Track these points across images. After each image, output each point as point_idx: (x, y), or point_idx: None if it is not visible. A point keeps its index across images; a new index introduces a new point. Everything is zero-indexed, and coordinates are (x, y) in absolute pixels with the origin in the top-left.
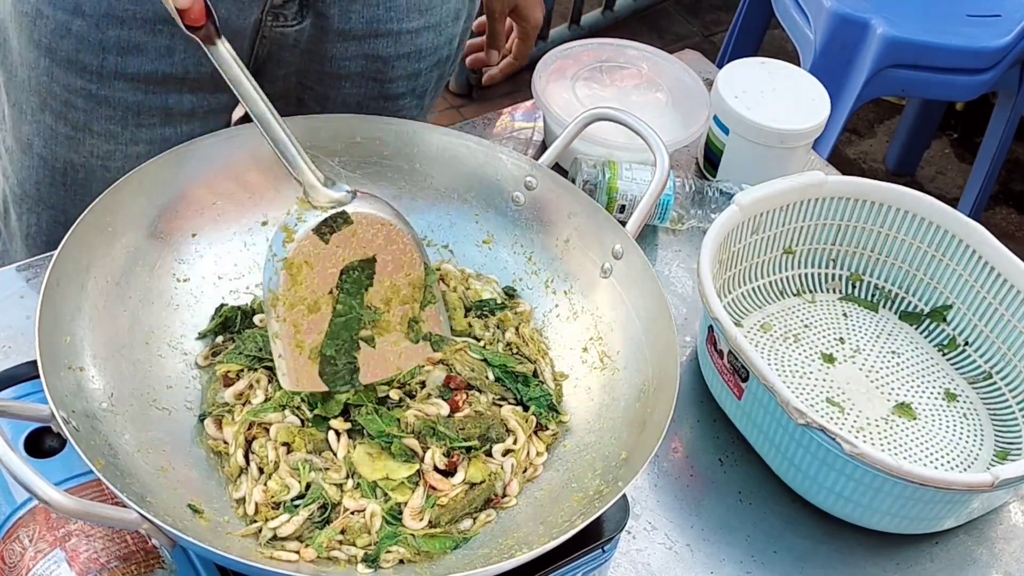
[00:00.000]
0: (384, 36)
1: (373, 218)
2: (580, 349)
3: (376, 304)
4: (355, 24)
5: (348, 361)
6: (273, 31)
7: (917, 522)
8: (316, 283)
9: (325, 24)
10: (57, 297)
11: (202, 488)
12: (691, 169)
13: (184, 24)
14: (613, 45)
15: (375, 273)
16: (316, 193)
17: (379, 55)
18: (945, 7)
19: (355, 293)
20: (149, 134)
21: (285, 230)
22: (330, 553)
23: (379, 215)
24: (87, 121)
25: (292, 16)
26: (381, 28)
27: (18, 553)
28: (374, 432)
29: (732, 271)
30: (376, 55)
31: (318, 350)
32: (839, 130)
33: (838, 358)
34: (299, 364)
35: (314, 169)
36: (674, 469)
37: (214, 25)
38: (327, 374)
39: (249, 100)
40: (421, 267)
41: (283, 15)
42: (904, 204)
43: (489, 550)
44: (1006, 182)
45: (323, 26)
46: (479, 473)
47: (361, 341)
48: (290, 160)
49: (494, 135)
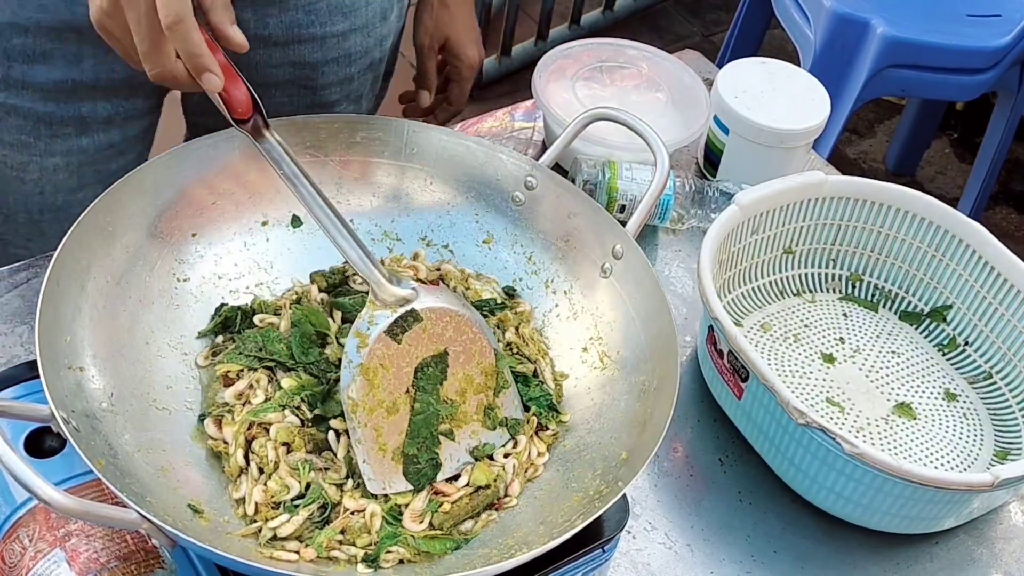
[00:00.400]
0: (308, 41)
1: (442, 311)
2: (580, 349)
3: (452, 397)
4: (274, 29)
5: (430, 457)
6: None
7: (917, 522)
8: (393, 384)
9: (244, 30)
10: (57, 297)
11: (202, 488)
12: (691, 169)
13: (231, 116)
14: (613, 45)
15: (448, 366)
16: (383, 290)
17: (306, 61)
18: (945, 7)
19: (431, 389)
20: (65, 144)
21: (358, 335)
22: (330, 553)
23: (447, 307)
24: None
25: (203, 21)
26: (304, 33)
27: (18, 553)
28: None
29: (732, 271)
30: (303, 61)
31: (400, 451)
32: (839, 130)
33: (838, 358)
34: (384, 467)
35: (379, 265)
36: (674, 469)
37: (261, 116)
38: (411, 473)
39: (307, 198)
40: (491, 354)
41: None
42: (904, 204)
43: (489, 550)
44: (1006, 182)
45: (243, 33)
46: (484, 476)
47: (441, 436)
48: (354, 261)
49: (494, 135)
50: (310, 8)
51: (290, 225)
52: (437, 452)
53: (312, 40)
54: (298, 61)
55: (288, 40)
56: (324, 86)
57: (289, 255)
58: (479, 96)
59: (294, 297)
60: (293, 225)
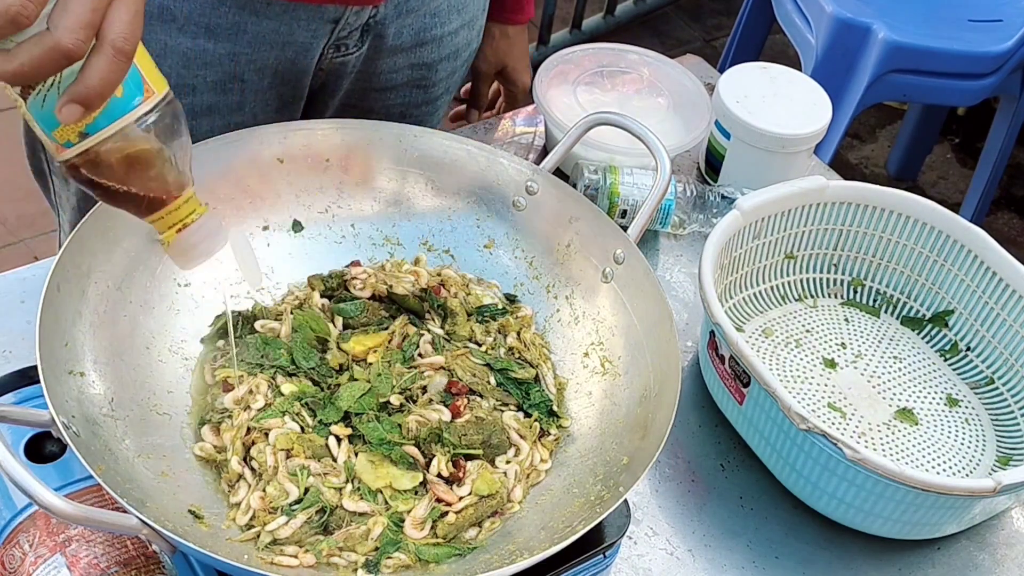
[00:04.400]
0: (429, 43)
1: None
2: (581, 354)
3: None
4: (406, 38)
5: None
6: (333, 62)
7: (919, 528)
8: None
9: (381, 44)
10: (58, 302)
11: (202, 493)
12: (692, 174)
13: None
14: (614, 50)
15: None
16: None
17: (424, 62)
18: (947, 12)
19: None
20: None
21: None
22: (329, 559)
23: None
24: None
25: (354, 44)
26: (427, 36)
27: (18, 558)
28: (375, 440)
29: (733, 276)
30: (422, 63)
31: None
32: (841, 135)
33: (840, 363)
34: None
35: None
36: (675, 474)
37: None
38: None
39: None
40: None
41: (345, 44)
42: (905, 209)
43: (490, 556)
44: (1008, 187)
45: (378, 46)
46: (487, 486)
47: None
48: None
49: (495, 140)
50: (435, 10)
51: (291, 230)
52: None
53: (433, 41)
54: (417, 63)
55: (414, 44)
56: (435, 83)
57: (290, 260)
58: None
59: (295, 302)
60: (294, 230)
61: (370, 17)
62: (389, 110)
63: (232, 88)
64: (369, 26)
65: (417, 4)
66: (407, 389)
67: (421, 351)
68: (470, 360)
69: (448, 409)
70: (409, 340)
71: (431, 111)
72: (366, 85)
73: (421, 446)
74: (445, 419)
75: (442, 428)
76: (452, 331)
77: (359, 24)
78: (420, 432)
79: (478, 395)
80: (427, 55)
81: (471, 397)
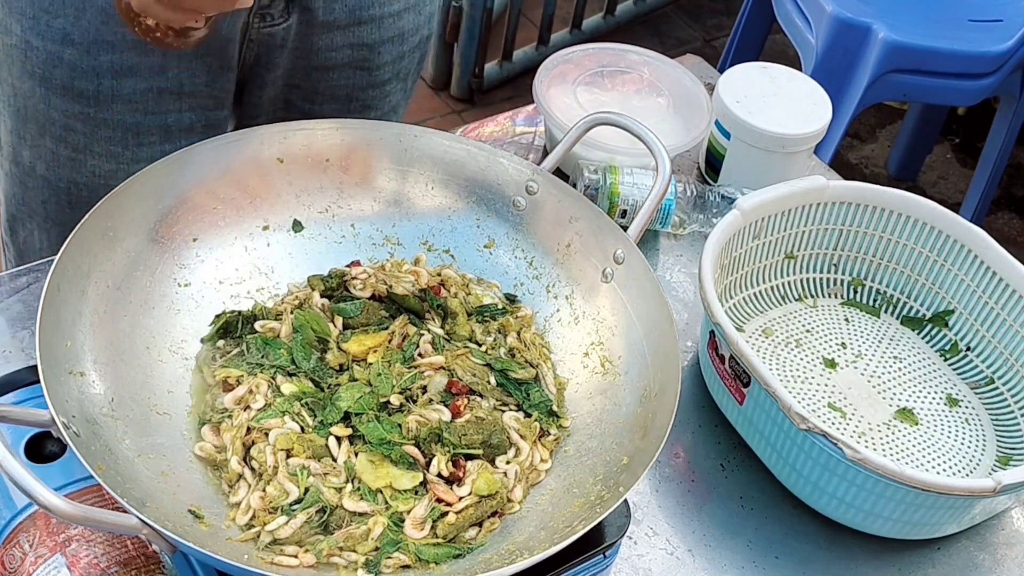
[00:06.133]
0: (368, 23)
1: None
2: (581, 354)
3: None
4: (339, 14)
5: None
6: (260, 33)
7: (919, 528)
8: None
9: (311, 18)
10: (58, 302)
11: (203, 493)
12: (693, 174)
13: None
14: (614, 50)
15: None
16: None
17: (364, 42)
18: (947, 12)
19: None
20: (150, 152)
21: None
22: (329, 559)
23: None
24: (87, 143)
25: (279, 14)
26: (364, 15)
27: (18, 558)
28: (375, 440)
29: (733, 276)
30: (362, 43)
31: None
32: (841, 135)
33: (840, 363)
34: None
35: None
36: (675, 474)
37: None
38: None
39: None
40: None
41: (269, 15)
42: (906, 209)
43: (490, 555)
44: (1008, 187)
45: (309, 20)
46: (487, 486)
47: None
48: None
49: (495, 140)
50: None
51: (291, 230)
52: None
53: (372, 21)
54: (357, 43)
55: (350, 23)
56: (379, 66)
57: (290, 260)
58: (481, 101)
59: (295, 302)
60: (294, 230)
61: None
62: (335, 92)
63: (153, 49)
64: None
65: None
66: (407, 389)
67: (421, 351)
68: (470, 360)
69: (448, 409)
70: (409, 340)
71: (379, 96)
72: (306, 63)
73: (421, 446)
74: (445, 419)
75: (442, 428)
76: (452, 331)
77: None
78: (420, 432)
79: (478, 395)
80: (367, 35)
81: (471, 397)
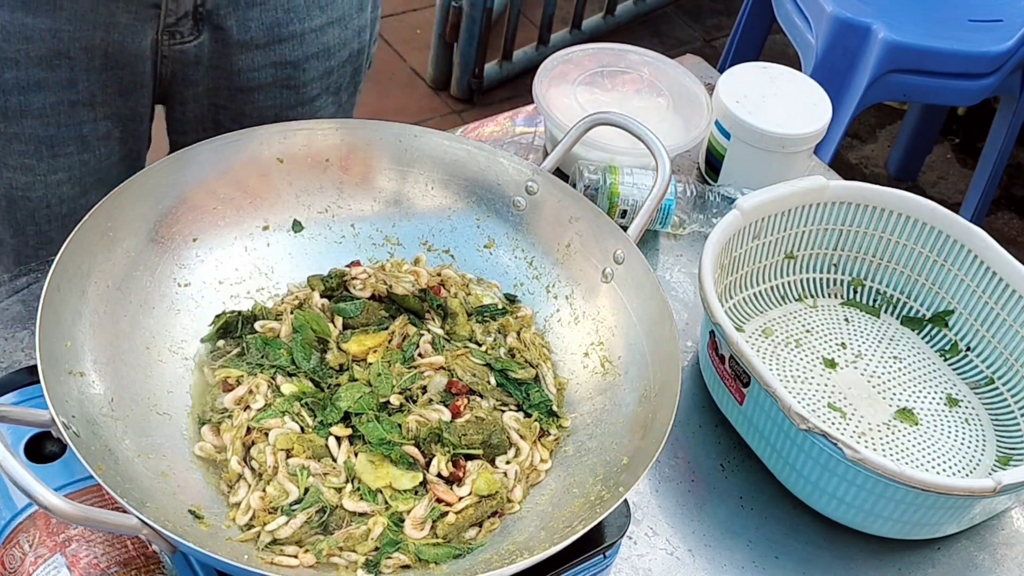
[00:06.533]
0: (288, 40)
1: None
2: (581, 354)
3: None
4: (256, 32)
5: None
6: (172, 50)
7: (919, 528)
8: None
9: (225, 37)
10: (58, 302)
11: (203, 493)
12: (692, 174)
13: None
14: (614, 50)
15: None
16: None
17: (287, 60)
18: (947, 12)
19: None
20: (67, 162)
21: None
22: (329, 559)
23: None
24: (1, 157)
25: (188, 32)
26: (283, 32)
27: (18, 558)
28: (374, 440)
29: (733, 276)
30: (284, 61)
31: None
32: (840, 135)
33: (840, 363)
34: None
35: None
36: (675, 474)
37: None
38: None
39: None
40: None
41: (179, 32)
42: (905, 209)
43: (490, 555)
44: (1008, 187)
45: (223, 39)
46: (487, 486)
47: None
48: None
49: (495, 140)
50: (289, 6)
51: (291, 230)
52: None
53: (292, 38)
54: (279, 61)
55: (269, 41)
56: (305, 83)
57: (290, 260)
58: (481, 101)
59: (295, 302)
60: (294, 230)
61: (198, 5)
62: (262, 113)
63: (59, 64)
64: (201, 15)
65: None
66: (407, 389)
67: (421, 351)
68: (470, 360)
69: (448, 409)
70: (409, 340)
71: (309, 113)
72: (229, 84)
73: (421, 446)
74: (445, 419)
75: (442, 428)
76: (452, 331)
77: (186, 11)
78: (420, 432)
79: (478, 395)
80: (289, 53)
81: (471, 397)
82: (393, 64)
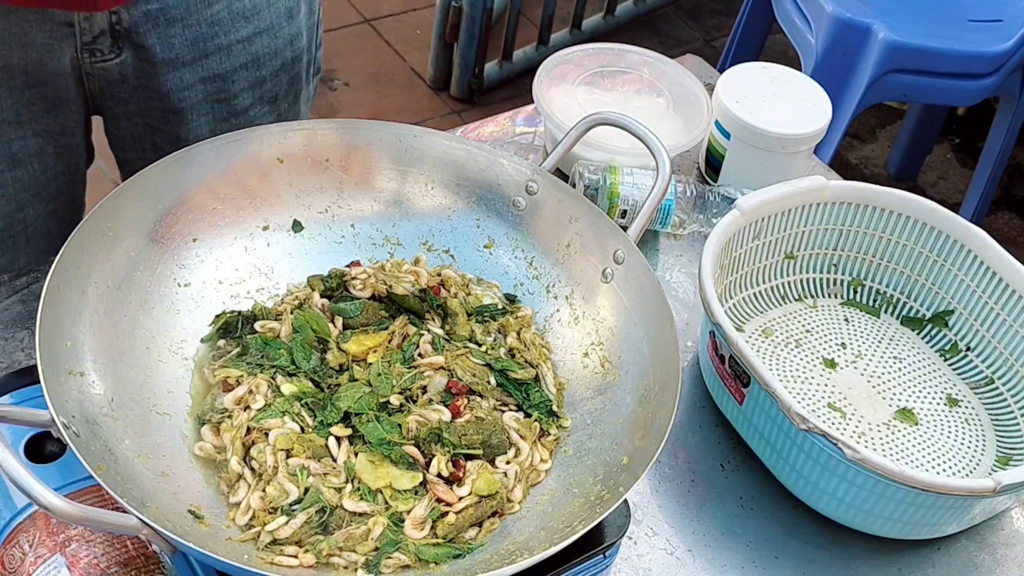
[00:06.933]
0: (215, 53)
1: None
2: (581, 354)
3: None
4: (181, 49)
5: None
6: (95, 67)
7: (919, 528)
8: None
9: (148, 55)
10: (58, 302)
11: (202, 493)
12: (692, 174)
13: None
14: (614, 50)
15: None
16: None
17: (216, 73)
18: (947, 12)
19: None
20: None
21: None
22: (329, 559)
23: None
24: None
25: (108, 50)
26: (209, 46)
27: (18, 558)
28: (374, 440)
29: (733, 276)
30: (213, 74)
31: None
32: (841, 135)
33: (840, 363)
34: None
35: None
36: (675, 474)
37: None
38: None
39: None
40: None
41: (98, 50)
42: (905, 209)
43: (489, 555)
44: (1008, 187)
45: (147, 58)
46: (487, 486)
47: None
48: None
49: (495, 140)
50: (212, 20)
51: (291, 230)
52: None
53: (219, 51)
54: (207, 76)
55: (196, 56)
56: (236, 94)
57: (290, 260)
58: (480, 101)
59: (295, 302)
60: (294, 230)
61: (114, 24)
62: (197, 132)
63: None
64: (119, 32)
65: (182, 13)
66: (407, 389)
67: (421, 351)
68: (470, 360)
69: (448, 409)
70: (409, 340)
71: (243, 123)
72: (161, 106)
73: (421, 446)
74: (445, 419)
75: (442, 428)
76: (452, 331)
77: (102, 29)
78: (420, 432)
79: (478, 395)
80: (216, 65)
81: (471, 397)
82: (393, 64)
